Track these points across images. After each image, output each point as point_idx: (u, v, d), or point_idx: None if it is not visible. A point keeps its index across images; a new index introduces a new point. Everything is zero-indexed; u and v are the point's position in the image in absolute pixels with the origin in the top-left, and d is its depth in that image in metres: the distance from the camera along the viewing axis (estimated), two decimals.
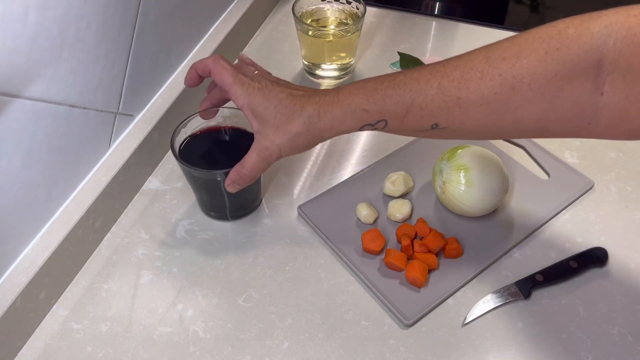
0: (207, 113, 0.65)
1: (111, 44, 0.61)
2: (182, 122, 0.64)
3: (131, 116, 0.69)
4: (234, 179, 0.59)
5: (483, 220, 0.66)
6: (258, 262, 0.63)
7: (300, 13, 0.81)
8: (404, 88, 0.50)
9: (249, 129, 0.65)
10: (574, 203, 0.68)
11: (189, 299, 0.60)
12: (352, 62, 0.84)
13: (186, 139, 0.64)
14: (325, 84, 0.84)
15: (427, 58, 0.77)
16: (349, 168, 0.73)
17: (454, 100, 0.48)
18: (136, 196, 0.70)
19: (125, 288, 0.61)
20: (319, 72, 0.84)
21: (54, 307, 0.60)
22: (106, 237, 0.66)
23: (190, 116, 0.64)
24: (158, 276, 0.62)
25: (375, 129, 0.53)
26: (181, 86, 0.74)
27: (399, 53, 0.81)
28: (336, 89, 0.54)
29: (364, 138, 0.77)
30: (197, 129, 0.65)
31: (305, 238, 0.66)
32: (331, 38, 0.81)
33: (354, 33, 0.80)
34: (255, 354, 0.56)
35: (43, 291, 0.58)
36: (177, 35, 0.74)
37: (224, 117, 0.66)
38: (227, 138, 0.66)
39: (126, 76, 0.65)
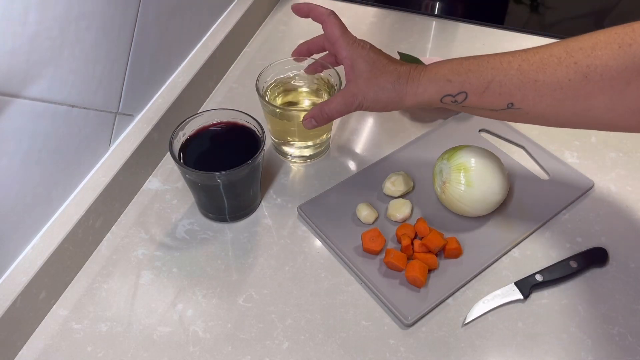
0: (313, 69, 0.70)
1: (111, 44, 0.61)
2: (181, 124, 0.63)
3: (131, 116, 0.69)
4: (314, 115, 0.62)
5: (483, 220, 0.66)
6: (258, 262, 0.63)
7: (264, 87, 0.70)
8: (487, 66, 0.54)
9: (247, 125, 0.65)
10: (574, 203, 0.68)
11: (189, 299, 0.60)
12: (328, 138, 0.74)
13: (185, 140, 0.64)
14: (297, 163, 0.74)
15: (427, 58, 0.76)
16: (349, 168, 0.73)
17: (531, 82, 0.52)
18: (136, 196, 0.70)
19: (125, 288, 0.61)
20: (287, 149, 0.73)
21: (54, 307, 0.60)
22: (106, 237, 0.66)
23: (189, 117, 0.64)
24: (158, 276, 0.62)
25: (455, 102, 0.56)
26: (181, 86, 0.75)
27: (399, 53, 0.79)
28: (424, 65, 0.59)
29: (364, 138, 0.77)
30: (196, 130, 0.65)
31: (305, 238, 0.66)
32: (302, 118, 0.65)
33: None
34: (255, 354, 0.56)
35: (43, 291, 0.58)
36: (177, 35, 0.74)
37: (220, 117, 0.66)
38: (226, 138, 0.66)
39: (126, 76, 0.65)
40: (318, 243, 0.65)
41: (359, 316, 0.59)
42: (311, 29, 0.93)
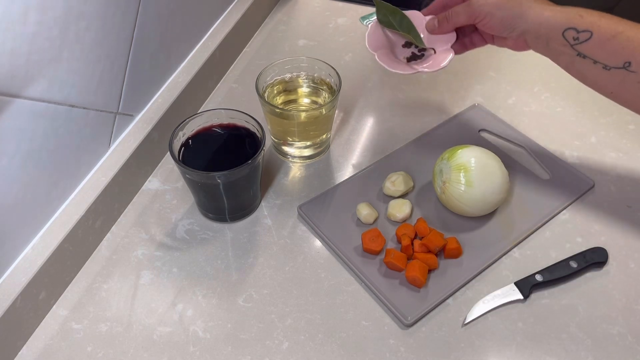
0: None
1: (111, 44, 0.61)
2: (181, 124, 0.63)
3: (131, 116, 0.69)
4: (438, 16, 0.63)
5: (483, 220, 0.66)
6: (258, 262, 0.63)
7: (264, 87, 0.71)
8: (620, 20, 0.54)
9: (247, 125, 0.65)
10: (574, 203, 0.68)
11: (189, 299, 0.60)
12: (328, 137, 0.74)
13: (185, 140, 0.64)
14: (297, 163, 0.74)
15: (408, 12, 0.68)
16: (349, 168, 0.73)
17: None
18: (136, 196, 0.70)
19: (125, 288, 0.61)
20: (287, 149, 0.74)
21: (54, 307, 0.60)
22: (106, 237, 0.66)
23: (189, 117, 0.64)
24: (158, 276, 0.62)
25: (576, 40, 0.55)
26: (181, 86, 0.75)
27: (376, 1, 0.68)
28: None
29: (364, 138, 0.77)
30: (196, 130, 0.65)
31: (305, 238, 0.66)
32: (302, 118, 0.69)
33: (330, 111, 0.69)
34: (255, 354, 0.56)
35: (43, 291, 0.58)
36: (177, 35, 0.74)
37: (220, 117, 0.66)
38: (226, 138, 0.66)
39: (126, 76, 0.65)
40: (318, 243, 0.65)
41: (359, 316, 0.59)
42: (311, 29, 0.93)
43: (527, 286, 0.59)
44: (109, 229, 0.66)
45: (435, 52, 0.66)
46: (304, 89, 0.74)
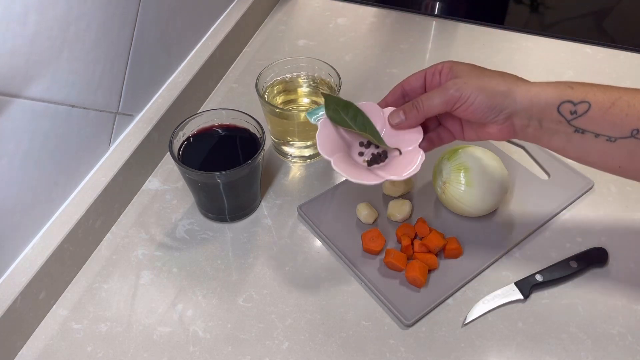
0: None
1: (111, 43, 0.61)
2: (181, 124, 0.63)
3: (131, 116, 0.69)
4: (405, 108, 0.54)
5: (483, 220, 0.66)
6: (258, 262, 0.63)
7: (264, 87, 0.70)
8: (612, 87, 0.50)
9: (247, 125, 0.65)
10: (574, 203, 0.68)
11: (189, 299, 0.60)
12: None
13: (185, 140, 0.64)
14: (297, 163, 0.74)
15: (362, 104, 0.58)
16: None
17: None
18: (136, 196, 0.70)
19: (125, 288, 0.61)
20: (287, 149, 0.73)
21: (54, 307, 0.60)
22: (106, 237, 0.66)
23: (189, 117, 0.64)
24: (158, 276, 0.62)
25: (574, 113, 0.49)
26: (181, 86, 0.74)
27: (323, 94, 0.59)
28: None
29: None
30: (196, 130, 0.65)
31: (305, 238, 0.66)
32: (302, 118, 0.67)
33: None
34: (255, 354, 0.56)
35: (43, 291, 0.58)
36: (177, 35, 0.74)
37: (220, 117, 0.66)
38: (226, 138, 0.66)
39: (126, 76, 0.65)
40: (318, 243, 0.65)
41: (359, 316, 0.59)
42: (311, 29, 0.93)
43: (527, 286, 0.59)
44: (109, 229, 0.66)
45: (400, 152, 0.56)
46: (304, 89, 0.74)
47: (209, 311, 0.59)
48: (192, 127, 0.65)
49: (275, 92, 0.73)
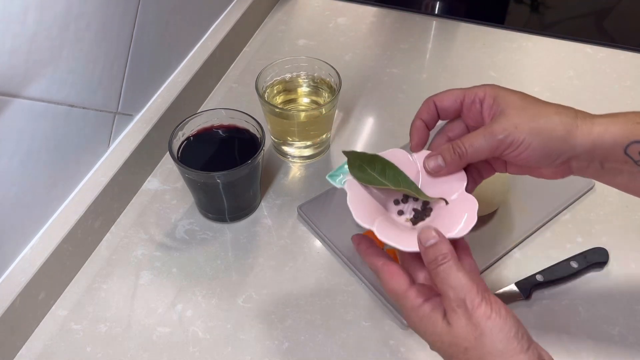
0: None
1: (111, 43, 0.61)
2: (180, 124, 0.63)
3: (130, 116, 0.69)
4: (444, 152, 0.46)
5: (483, 220, 0.65)
6: (258, 262, 0.63)
7: (264, 87, 0.70)
8: None
9: (246, 125, 0.64)
10: (574, 203, 0.68)
11: (189, 299, 0.60)
12: (328, 137, 0.74)
13: (185, 140, 0.64)
14: (297, 163, 0.74)
15: (387, 152, 0.50)
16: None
17: None
18: (135, 196, 0.70)
19: (124, 288, 0.61)
20: (287, 149, 0.73)
21: (53, 307, 0.60)
22: (105, 237, 0.66)
23: (188, 117, 0.64)
24: (157, 276, 0.62)
25: None
26: (181, 86, 0.74)
27: (344, 152, 0.49)
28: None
29: (363, 138, 0.77)
30: (195, 130, 0.65)
31: (305, 238, 0.66)
32: (302, 118, 0.68)
33: (330, 111, 0.69)
34: (255, 354, 0.56)
35: (42, 291, 0.58)
36: (177, 35, 0.74)
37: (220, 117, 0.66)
38: (225, 138, 0.66)
39: (125, 76, 0.65)
40: (318, 243, 0.65)
41: (359, 317, 0.59)
42: (311, 29, 0.93)
43: (528, 286, 0.59)
44: (108, 229, 0.66)
45: (447, 202, 0.47)
46: (303, 89, 0.74)
47: (209, 311, 0.59)
48: (191, 127, 0.65)
49: (275, 91, 0.73)
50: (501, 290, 0.59)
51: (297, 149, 0.73)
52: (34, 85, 0.52)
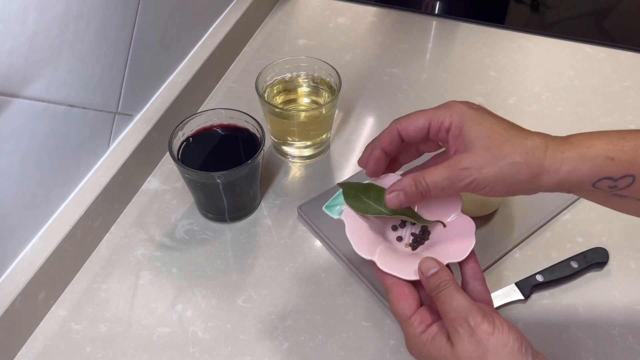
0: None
1: (110, 43, 0.61)
2: (180, 123, 0.63)
3: (130, 116, 0.69)
4: (404, 187, 0.46)
5: (483, 220, 0.65)
6: (258, 262, 0.63)
7: (264, 87, 0.70)
8: None
9: (246, 124, 0.64)
10: (574, 203, 0.68)
11: (189, 300, 0.60)
12: (328, 137, 0.74)
13: (185, 140, 0.64)
14: (297, 163, 0.74)
15: (380, 179, 0.52)
16: (349, 168, 0.73)
17: None
18: (135, 196, 0.70)
19: (124, 288, 0.61)
20: (287, 149, 0.73)
21: (53, 307, 0.60)
22: (105, 237, 0.66)
23: (188, 117, 0.64)
24: (157, 276, 0.62)
25: (613, 188, 0.43)
26: (180, 86, 0.74)
27: (339, 184, 0.52)
28: (564, 136, 0.44)
29: (364, 138, 0.77)
30: (195, 130, 0.65)
31: (305, 238, 0.66)
32: (302, 118, 0.69)
33: (330, 111, 0.69)
34: (255, 354, 0.56)
35: (42, 291, 0.58)
36: (177, 35, 0.74)
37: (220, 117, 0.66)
38: (225, 138, 0.65)
39: (125, 76, 0.65)
40: (318, 243, 0.65)
41: (359, 317, 0.59)
42: (311, 29, 0.93)
43: (528, 286, 0.59)
44: (108, 229, 0.66)
45: (444, 225, 0.49)
46: (303, 89, 0.74)
47: (209, 311, 0.59)
48: (191, 127, 0.65)
49: (275, 91, 0.73)
50: (501, 290, 0.59)
51: (297, 149, 0.73)
52: (33, 85, 0.52)
